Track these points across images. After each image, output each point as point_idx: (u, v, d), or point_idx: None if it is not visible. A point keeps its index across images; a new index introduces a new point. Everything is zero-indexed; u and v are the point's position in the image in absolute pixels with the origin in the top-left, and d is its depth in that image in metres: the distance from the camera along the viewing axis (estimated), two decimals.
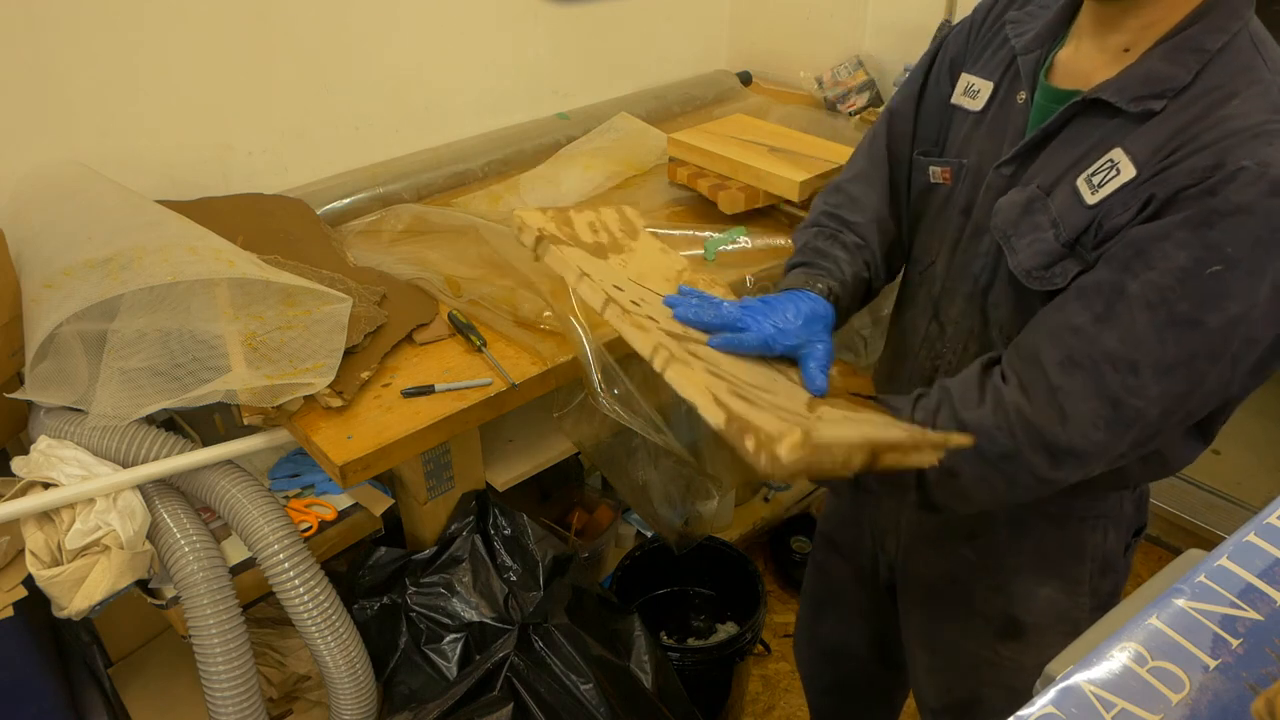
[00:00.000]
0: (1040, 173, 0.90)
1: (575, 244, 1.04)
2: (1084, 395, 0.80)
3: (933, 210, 1.04)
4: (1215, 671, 0.49)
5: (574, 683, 1.28)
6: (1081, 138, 0.87)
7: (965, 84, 1.02)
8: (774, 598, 2.21)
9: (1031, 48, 0.94)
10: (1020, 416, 0.83)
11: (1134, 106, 0.83)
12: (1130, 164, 0.82)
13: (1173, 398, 0.80)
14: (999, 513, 1.05)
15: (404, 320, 1.35)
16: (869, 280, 1.09)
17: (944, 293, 1.02)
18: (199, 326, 1.23)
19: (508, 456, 1.53)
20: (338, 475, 1.13)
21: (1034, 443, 0.82)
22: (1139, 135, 0.83)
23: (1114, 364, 0.79)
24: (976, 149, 0.98)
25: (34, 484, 1.15)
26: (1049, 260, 0.87)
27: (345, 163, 1.80)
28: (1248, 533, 0.57)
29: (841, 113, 2.17)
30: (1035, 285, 0.88)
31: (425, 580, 1.35)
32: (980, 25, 1.03)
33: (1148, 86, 0.83)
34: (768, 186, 1.64)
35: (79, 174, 1.40)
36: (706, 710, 1.73)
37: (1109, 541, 1.06)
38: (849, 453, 0.72)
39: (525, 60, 2.02)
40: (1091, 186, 0.85)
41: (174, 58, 1.52)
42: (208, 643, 1.17)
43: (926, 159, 1.04)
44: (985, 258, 0.96)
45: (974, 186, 0.98)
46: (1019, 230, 0.90)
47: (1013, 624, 1.10)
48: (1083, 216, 0.85)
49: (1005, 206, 0.91)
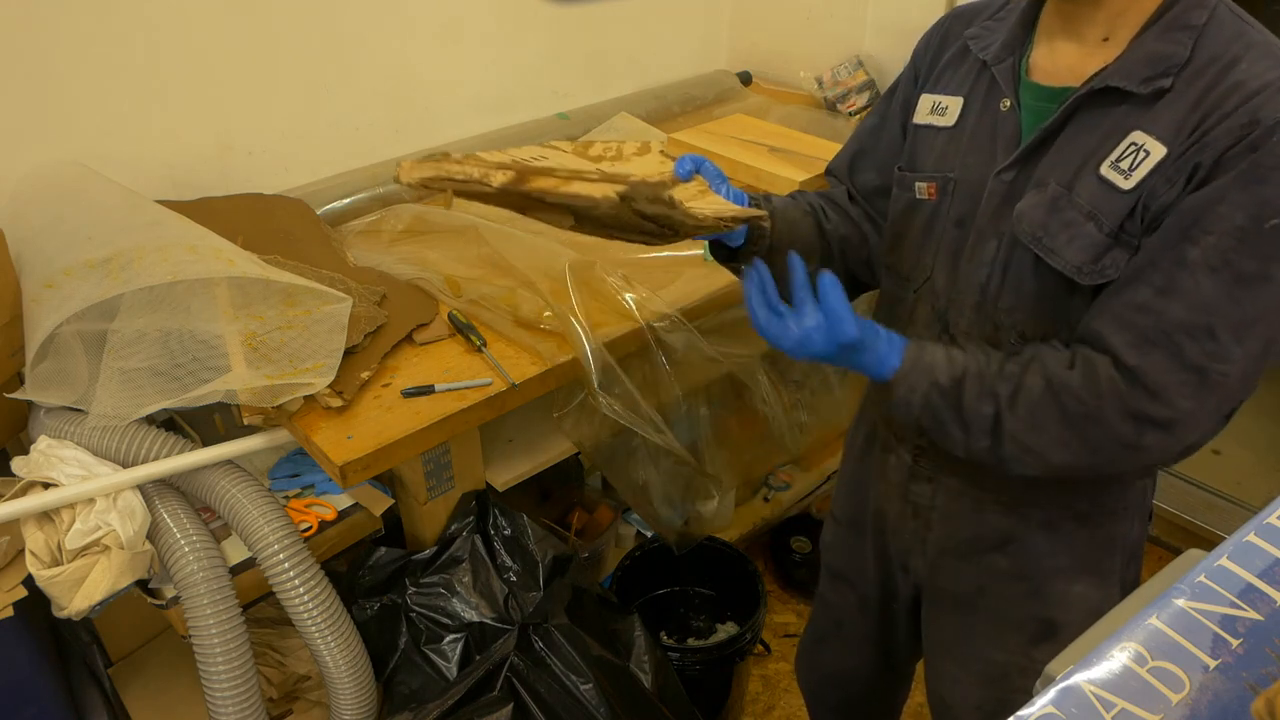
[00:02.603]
0: (1052, 171, 0.90)
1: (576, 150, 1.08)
2: (1167, 369, 0.81)
3: (919, 226, 1.04)
4: (1215, 671, 0.49)
5: (574, 683, 1.28)
6: (1091, 128, 0.88)
7: (930, 104, 1.04)
8: (774, 598, 2.21)
9: (1002, 56, 0.96)
10: (1111, 385, 0.83)
11: (1145, 88, 0.84)
12: (1158, 143, 0.83)
13: (1252, 358, 0.81)
14: (1032, 515, 1.05)
15: (404, 320, 1.36)
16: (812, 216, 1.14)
17: (950, 305, 1.02)
18: (199, 326, 1.23)
19: (508, 456, 1.53)
20: (338, 475, 1.13)
21: (1122, 411, 0.83)
22: (1155, 115, 0.84)
23: (1189, 333, 0.80)
24: (960, 162, 0.99)
25: (34, 484, 1.15)
26: (1097, 253, 0.87)
27: (345, 163, 1.80)
28: (1248, 533, 0.57)
29: (841, 113, 2.17)
30: (1087, 280, 0.88)
31: (425, 580, 1.35)
32: (926, 55, 1.08)
33: (1153, 67, 0.84)
34: (768, 186, 1.64)
35: (79, 174, 1.40)
36: (706, 710, 1.73)
37: (1135, 531, 1.08)
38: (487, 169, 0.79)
39: (525, 60, 2.02)
40: (1121, 172, 0.85)
41: (174, 58, 1.52)
42: (208, 643, 1.17)
43: (912, 175, 1.04)
44: (991, 266, 0.96)
45: (968, 198, 0.98)
46: (1050, 231, 0.90)
47: (1048, 626, 1.10)
48: (1121, 203, 0.85)
49: (1028, 211, 0.91)
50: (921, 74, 1.08)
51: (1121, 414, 0.83)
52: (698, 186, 1.01)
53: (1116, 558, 1.08)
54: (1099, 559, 1.07)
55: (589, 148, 1.09)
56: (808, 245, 1.11)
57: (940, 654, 1.23)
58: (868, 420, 1.25)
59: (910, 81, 1.10)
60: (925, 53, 1.09)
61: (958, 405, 0.91)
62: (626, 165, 1.05)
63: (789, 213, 1.11)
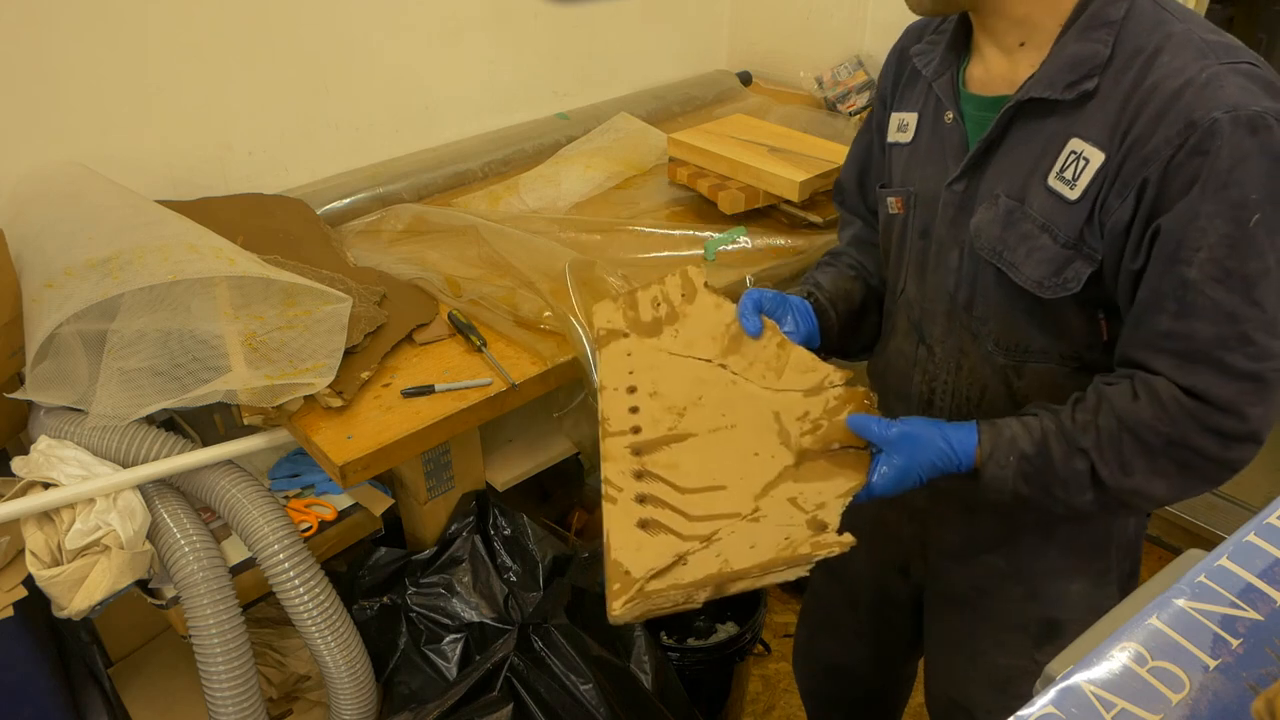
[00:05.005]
0: (999, 181, 0.91)
1: (636, 328, 1.10)
2: (1222, 384, 0.81)
3: (895, 239, 1.07)
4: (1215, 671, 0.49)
5: (574, 683, 1.27)
6: (1030, 137, 0.89)
7: (897, 122, 1.07)
8: (774, 598, 2.21)
9: (941, 71, 0.98)
10: (1178, 406, 0.82)
11: (1068, 94, 0.85)
12: (1095, 149, 0.83)
13: None
14: (1025, 516, 1.05)
15: (404, 320, 1.35)
16: (858, 277, 1.16)
17: (924, 315, 1.04)
18: (199, 326, 1.23)
19: (508, 456, 1.53)
20: (338, 475, 1.13)
21: (1199, 428, 0.82)
22: (1086, 119, 0.84)
23: (1225, 346, 0.80)
24: (918, 175, 1.02)
25: (34, 484, 1.15)
26: (1057, 266, 0.87)
27: (345, 163, 1.80)
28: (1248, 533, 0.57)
29: (841, 113, 2.17)
30: (1050, 294, 0.89)
31: (425, 580, 1.35)
32: (888, 76, 1.10)
33: (1074, 71, 0.84)
34: (768, 186, 1.64)
35: (79, 174, 1.40)
36: (706, 710, 1.73)
37: (1130, 526, 1.08)
38: (689, 592, 0.81)
39: (525, 60, 2.02)
40: (1066, 183, 0.86)
41: (174, 58, 1.52)
42: (208, 643, 1.17)
43: (885, 190, 1.08)
44: (958, 274, 0.98)
45: (927, 210, 1.00)
46: (1009, 245, 0.90)
47: (1050, 626, 1.10)
48: (1073, 213, 0.85)
49: (985, 227, 0.92)
50: (887, 95, 1.11)
51: (1199, 431, 0.82)
52: (774, 340, 1.03)
53: (1111, 555, 1.08)
54: (1094, 557, 1.08)
55: (637, 305, 1.13)
56: (865, 305, 1.16)
57: (948, 652, 1.23)
58: None
59: (881, 104, 1.12)
60: (887, 74, 1.11)
61: (1050, 470, 0.89)
62: (687, 325, 1.08)
63: (840, 285, 1.14)
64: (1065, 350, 0.94)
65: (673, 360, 1.05)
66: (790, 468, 0.91)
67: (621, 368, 1.06)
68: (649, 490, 0.92)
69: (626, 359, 1.07)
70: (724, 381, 1.01)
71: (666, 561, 0.83)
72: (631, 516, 0.89)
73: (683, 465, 0.94)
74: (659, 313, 1.11)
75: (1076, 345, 0.94)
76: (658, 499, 0.91)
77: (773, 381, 1.00)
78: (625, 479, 0.93)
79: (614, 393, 1.03)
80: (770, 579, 0.82)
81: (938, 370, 1.04)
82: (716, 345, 1.05)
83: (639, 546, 0.86)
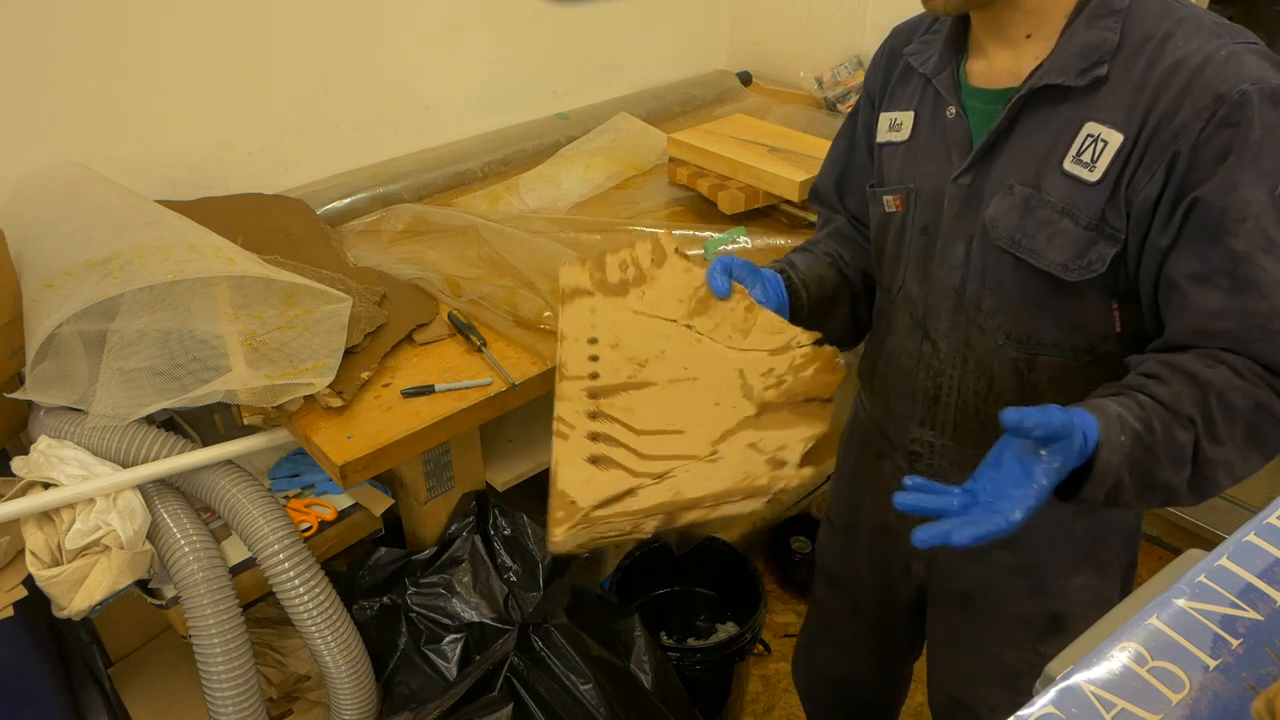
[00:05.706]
0: (1010, 171, 0.91)
1: (602, 288, 1.08)
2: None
3: (893, 238, 1.07)
4: (1215, 671, 0.49)
5: (574, 683, 1.27)
6: (1040, 126, 0.89)
7: (888, 121, 1.07)
8: (774, 598, 2.21)
9: (940, 68, 0.99)
10: (1257, 376, 0.80)
11: (1081, 80, 0.85)
12: (1113, 130, 0.84)
13: None
14: None
15: (404, 320, 1.35)
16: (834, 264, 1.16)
17: (929, 312, 1.04)
18: (199, 326, 1.22)
19: (508, 456, 1.53)
20: (338, 475, 1.13)
21: (1274, 394, 0.80)
22: (1100, 103, 0.85)
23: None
24: (918, 172, 1.02)
25: (34, 484, 1.15)
26: (1080, 248, 0.88)
27: (345, 163, 1.80)
28: (1248, 533, 0.57)
29: (841, 113, 2.17)
30: (1074, 277, 0.89)
31: (425, 580, 1.35)
32: (876, 77, 1.11)
33: (1085, 58, 0.85)
34: (768, 186, 1.64)
35: (79, 174, 1.40)
36: (706, 710, 1.73)
37: (1131, 517, 1.09)
38: (636, 520, 0.77)
39: (525, 60, 2.02)
40: (1085, 165, 0.86)
41: (174, 58, 1.52)
42: (208, 643, 1.17)
43: (879, 190, 1.07)
44: (964, 269, 0.98)
45: (929, 206, 1.00)
46: (1028, 233, 0.90)
47: (1055, 621, 1.11)
48: (1093, 195, 0.86)
49: (1002, 216, 0.92)
50: (875, 96, 1.11)
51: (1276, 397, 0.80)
52: (742, 303, 1.00)
53: (1115, 545, 1.08)
54: (1098, 549, 1.08)
55: (604, 267, 1.10)
56: (837, 293, 1.15)
57: (952, 651, 1.23)
58: (860, 428, 1.26)
59: (868, 106, 1.13)
60: (875, 75, 1.12)
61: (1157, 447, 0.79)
62: (655, 287, 1.06)
63: (814, 269, 1.13)
64: (1078, 342, 0.94)
65: (637, 318, 1.02)
66: (751, 417, 0.87)
67: (585, 322, 1.02)
68: (602, 429, 0.88)
69: (590, 314, 1.03)
70: (688, 340, 0.98)
71: (616, 492, 0.79)
72: (582, 452, 0.85)
73: (639, 410, 0.90)
74: (626, 275, 1.09)
75: (1090, 337, 0.94)
76: (611, 438, 0.87)
77: (738, 342, 0.96)
78: (579, 418, 0.89)
79: (574, 342, 0.99)
80: (725, 509, 0.76)
81: (943, 365, 1.04)
82: (684, 307, 1.03)
83: (588, 480, 0.82)
